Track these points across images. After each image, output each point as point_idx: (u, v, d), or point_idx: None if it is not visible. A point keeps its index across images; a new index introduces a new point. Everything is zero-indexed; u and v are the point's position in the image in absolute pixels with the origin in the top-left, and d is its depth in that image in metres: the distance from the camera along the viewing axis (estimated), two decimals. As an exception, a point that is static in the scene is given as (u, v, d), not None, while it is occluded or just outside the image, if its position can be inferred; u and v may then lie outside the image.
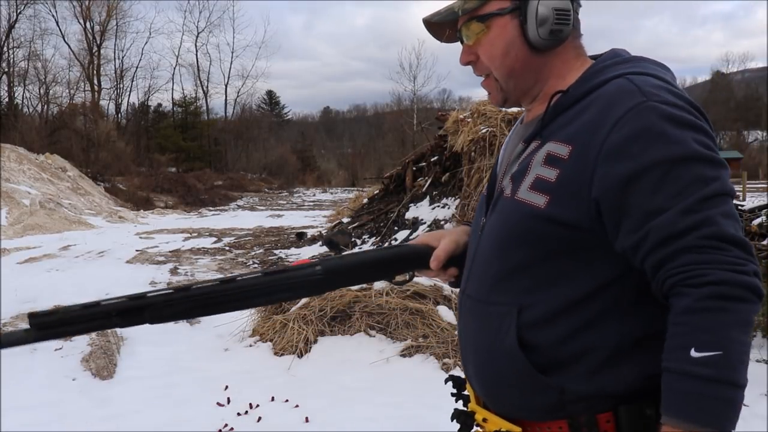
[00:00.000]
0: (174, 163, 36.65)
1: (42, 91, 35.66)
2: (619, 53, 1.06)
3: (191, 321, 5.47)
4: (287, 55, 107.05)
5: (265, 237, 13.12)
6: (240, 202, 29.02)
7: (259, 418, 3.40)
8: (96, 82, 37.60)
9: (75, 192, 19.96)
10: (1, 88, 33.98)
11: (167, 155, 36.41)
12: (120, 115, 41.01)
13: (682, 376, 0.84)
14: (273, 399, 3.65)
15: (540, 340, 0.98)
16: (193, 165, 37.98)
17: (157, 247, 11.46)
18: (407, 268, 1.21)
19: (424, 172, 9.47)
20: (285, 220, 18.04)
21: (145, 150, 37.71)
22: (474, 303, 1.08)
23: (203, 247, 11.42)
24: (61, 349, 4.76)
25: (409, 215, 8.86)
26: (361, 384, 3.86)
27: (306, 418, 3.38)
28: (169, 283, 7.54)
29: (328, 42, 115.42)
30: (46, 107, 35.57)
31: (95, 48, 37.75)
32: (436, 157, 9.13)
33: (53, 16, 40.97)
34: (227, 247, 11.44)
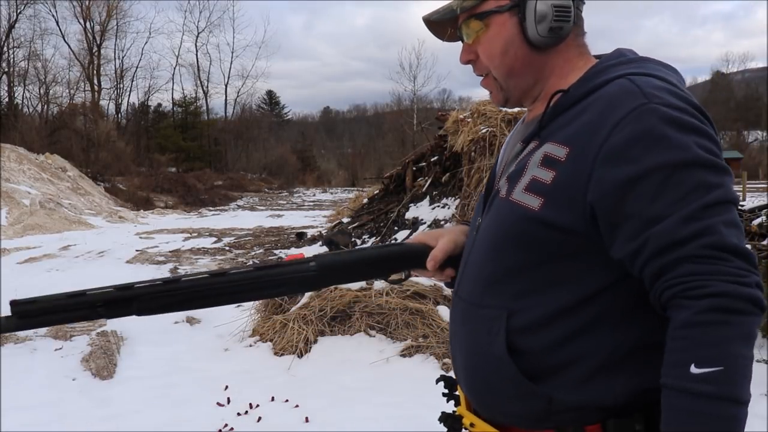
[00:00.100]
0: (174, 163, 36.64)
1: (42, 91, 35.72)
2: (623, 53, 1.03)
3: (191, 321, 5.47)
4: (287, 55, 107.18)
5: (265, 237, 13.12)
6: (240, 202, 29.02)
7: (259, 418, 3.40)
8: (96, 82, 37.61)
9: (75, 192, 19.96)
10: (1, 88, 34.04)
11: (167, 155, 36.40)
12: (120, 115, 41.08)
13: (682, 393, 0.81)
14: (273, 399, 3.65)
15: (529, 346, 0.96)
16: (193, 165, 37.97)
17: (157, 247, 11.45)
18: (404, 266, 1.17)
19: (424, 172, 9.47)
20: (285, 220, 18.04)
21: (145, 150, 37.71)
22: (466, 305, 1.05)
23: (203, 247, 11.42)
24: (61, 349, 4.76)
25: (409, 215, 8.86)
26: (361, 384, 3.86)
27: (306, 418, 3.38)
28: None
29: (328, 42, 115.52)
30: (46, 107, 35.63)
31: (95, 48, 37.78)
32: (436, 157, 9.13)
33: (53, 16, 40.93)
34: (227, 247, 11.44)
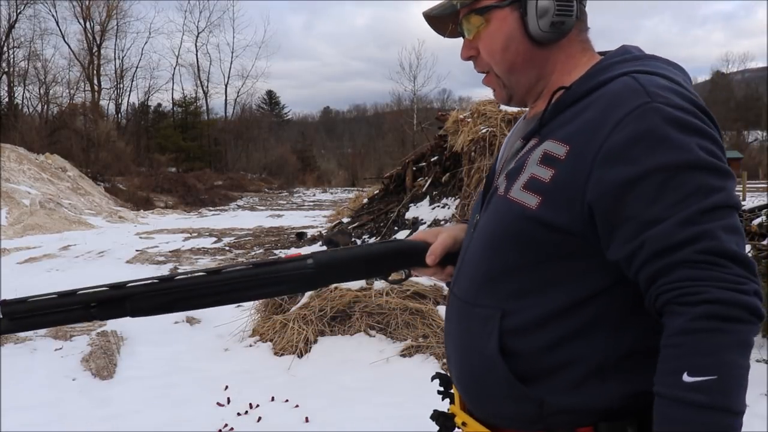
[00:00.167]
0: (174, 163, 36.65)
1: (42, 91, 35.73)
2: (629, 50, 1.00)
3: (191, 321, 5.47)
4: (287, 55, 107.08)
5: (265, 237, 13.12)
6: (240, 202, 29.02)
7: (259, 418, 3.40)
8: (96, 82, 37.61)
9: (75, 192, 19.96)
10: (1, 88, 34.05)
11: (167, 155, 36.42)
12: (120, 115, 41.09)
13: (674, 402, 0.79)
14: (273, 399, 3.65)
15: (522, 347, 0.94)
16: (193, 165, 37.98)
17: (157, 247, 11.45)
18: (403, 264, 1.15)
19: (424, 172, 9.47)
20: (285, 220, 18.04)
21: (145, 150, 37.72)
22: (461, 303, 1.04)
23: (203, 247, 11.42)
24: (61, 349, 4.76)
25: (409, 215, 8.87)
26: (361, 384, 3.86)
27: (306, 418, 3.38)
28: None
29: (328, 42, 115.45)
30: (46, 107, 35.64)
31: (95, 48, 37.78)
32: (436, 157, 9.14)
33: (53, 16, 40.91)
34: (227, 247, 11.44)
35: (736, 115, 48.99)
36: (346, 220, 11.34)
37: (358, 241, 9.12)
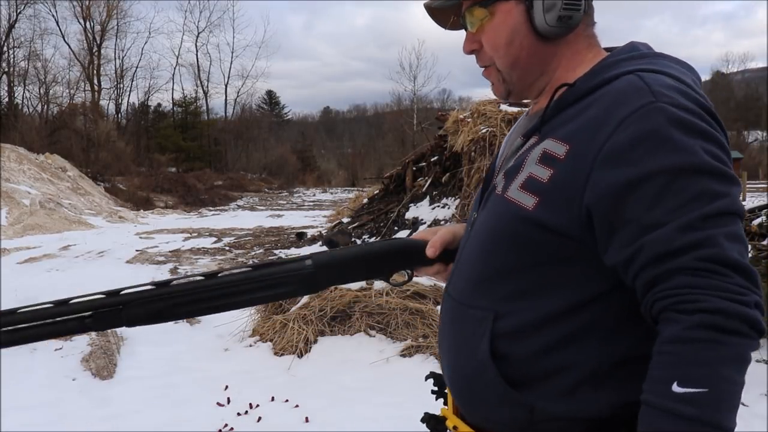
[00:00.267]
0: (174, 163, 36.65)
1: (42, 91, 35.69)
2: (637, 47, 0.97)
3: (191, 321, 5.47)
4: (287, 55, 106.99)
5: (265, 237, 13.12)
6: (240, 202, 29.03)
7: (259, 418, 3.40)
8: (96, 82, 37.58)
9: (75, 192, 19.97)
10: (1, 88, 34.02)
11: (167, 155, 36.41)
12: (120, 115, 41.03)
13: (662, 412, 0.76)
14: (273, 399, 3.65)
15: (514, 351, 0.92)
16: (193, 165, 37.98)
17: (157, 247, 11.46)
18: (404, 263, 1.14)
19: (424, 172, 9.48)
20: (285, 220, 18.04)
21: (145, 150, 37.71)
22: (455, 304, 1.01)
23: (203, 247, 11.42)
24: (61, 349, 4.76)
25: (409, 215, 8.87)
26: (361, 384, 3.86)
27: (306, 418, 3.38)
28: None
29: (328, 42, 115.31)
30: (46, 107, 35.61)
31: (95, 48, 37.74)
32: (436, 157, 9.15)
33: (53, 16, 41.02)
34: (227, 247, 11.44)
35: (736, 115, 48.94)
36: (346, 220, 11.35)
37: (358, 241, 9.12)
